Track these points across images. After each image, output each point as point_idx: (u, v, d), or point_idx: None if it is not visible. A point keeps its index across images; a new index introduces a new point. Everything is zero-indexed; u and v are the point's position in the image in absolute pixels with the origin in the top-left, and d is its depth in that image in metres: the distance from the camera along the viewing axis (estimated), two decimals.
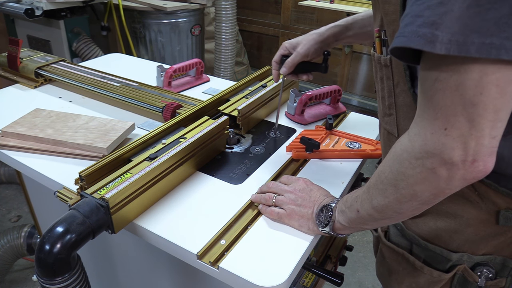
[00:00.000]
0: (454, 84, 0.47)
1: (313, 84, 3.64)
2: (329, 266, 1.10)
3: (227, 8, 2.90)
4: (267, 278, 0.65)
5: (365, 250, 2.18)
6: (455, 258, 0.71)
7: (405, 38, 0.48)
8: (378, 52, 0.71)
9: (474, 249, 0.69)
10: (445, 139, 0.48)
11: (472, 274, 0.70)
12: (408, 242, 0.76)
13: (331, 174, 0.92)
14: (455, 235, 0.70)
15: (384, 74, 0.71)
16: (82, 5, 2.42)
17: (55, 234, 0.65)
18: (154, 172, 0.79)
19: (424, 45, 0.46)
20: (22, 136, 0.98)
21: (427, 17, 0.46)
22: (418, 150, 0.52)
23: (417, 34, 0.46)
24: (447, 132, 0.48)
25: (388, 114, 0.74)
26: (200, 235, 0.73)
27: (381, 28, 0.69)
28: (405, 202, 0.57)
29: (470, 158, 0.48)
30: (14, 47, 1.33)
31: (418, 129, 0.52)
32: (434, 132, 0.49)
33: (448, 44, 0.45)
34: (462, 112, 0.47)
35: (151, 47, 2.87)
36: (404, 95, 0.67)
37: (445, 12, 0.45)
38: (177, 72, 1.32)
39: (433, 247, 0.72)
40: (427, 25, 0.46)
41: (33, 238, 1.75)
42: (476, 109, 0.46)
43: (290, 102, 1.17)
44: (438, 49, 0.45)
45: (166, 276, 0.98)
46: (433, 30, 0.45)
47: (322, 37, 0.97)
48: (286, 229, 0.76)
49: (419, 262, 0.74)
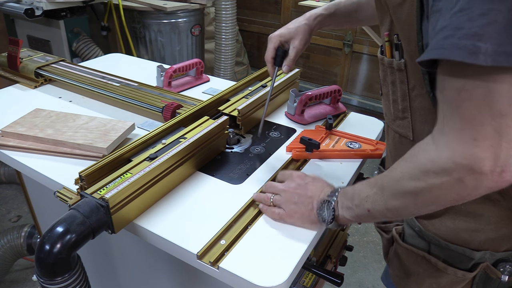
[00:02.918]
0: (482, 94, 0.47)
1: (313, 84, 3.64)
2: (329, 266, 1.10)
3: (227, 8, 2.90)
4: (267, 278, 0.65)
5: (365, 250, 2.18)
6: (478, 257, 0.70)
7: (445, 50, 0.47)
8: (388, 56, 0.70)
9: (496, 246, 0.69)
10: (474, 150, 0.48)
11: (495, 271, 0.70)
12: (426, 243, 0.75)
13: (331, 174, 0.92)
14: (475, 234, 0.69)
15: (397, 78, 0.70)
16: (82, 5, 2.41)
17: (55, 234, 0.65)
18: (154, 172, 0.79)
19: (466, 57, 0.46)
20: (22, 136, 0.98)
21: (468, 28, 0.46)
22: (446, 160, 0.51)
23: (457, 47, 0.46)
24: (477, 143, 0.48)
25: (401, 117, 0.73)
26: (200, 235, 0.73)
27: (391, 32, 0.68)
28: (423, 206, 0.58)
29: (498, 169, 0.48)
30: (14, 47, 1.33)
31: (446, 140, 0.51)
32: (463, 142, 0.49)
33: (495, 55, 0.44)
34: (490, 122, 0.47)
35: (151, 47, 2.86)
36: (421, 99, 0.67)
37: (488, 24, 0.44)
38: (177, 72, 1.32)
39: (455, 247, 0.71)
40: (469, 36, 0.45)
41: (33, 238, 1.75)
42: (505, 120, 0.46)
43: (290, 102, 1.17)
44: (482, 60, 0.45)
45: (166, 276, 0.98)
46: (475, 41, 0.45)
47: (311, 27, 0.95)
48: (286, 229, 0.76)
49: (442, 263, 0.73)
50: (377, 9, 0.73)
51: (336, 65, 3.52)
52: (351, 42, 3.29)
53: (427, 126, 0.57)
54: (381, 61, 0.73)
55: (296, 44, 0.93)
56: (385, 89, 0.76)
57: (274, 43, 0.94)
